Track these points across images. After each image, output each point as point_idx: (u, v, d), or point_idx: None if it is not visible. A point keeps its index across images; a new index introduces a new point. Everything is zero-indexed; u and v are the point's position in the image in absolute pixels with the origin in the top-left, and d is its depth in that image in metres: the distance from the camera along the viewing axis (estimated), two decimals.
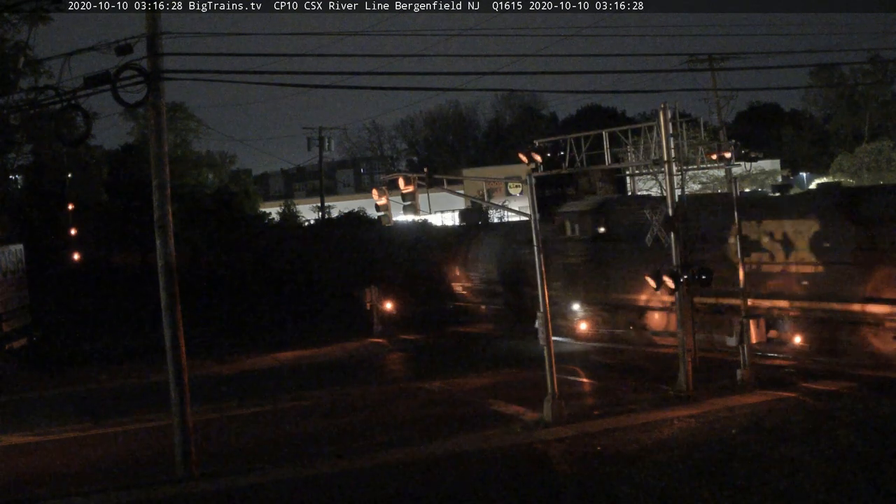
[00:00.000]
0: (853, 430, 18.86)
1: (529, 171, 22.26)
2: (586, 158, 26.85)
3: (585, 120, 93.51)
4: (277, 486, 17.89)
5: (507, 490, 16.85)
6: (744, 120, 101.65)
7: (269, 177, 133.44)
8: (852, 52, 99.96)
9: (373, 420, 23.21)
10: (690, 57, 55.41)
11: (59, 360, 35.31)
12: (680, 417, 20.87)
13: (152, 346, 28.95)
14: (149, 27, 18.13)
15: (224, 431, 22.87)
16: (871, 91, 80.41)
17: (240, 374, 31.54)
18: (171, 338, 18.72)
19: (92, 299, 54.67)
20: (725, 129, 57.52)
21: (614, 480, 16.89)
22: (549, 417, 21.09)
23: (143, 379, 30.77)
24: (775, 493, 15.60)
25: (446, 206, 57.11)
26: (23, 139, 52.93)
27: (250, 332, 40.79)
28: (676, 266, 23.18)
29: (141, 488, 18.23)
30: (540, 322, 21.55)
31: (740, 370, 23.81)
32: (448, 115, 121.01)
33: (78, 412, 26.08)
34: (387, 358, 33.65)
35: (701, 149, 27.07)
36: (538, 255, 21.77)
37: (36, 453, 21.86)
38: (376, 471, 18.40)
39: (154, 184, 18.71)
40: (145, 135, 59.79)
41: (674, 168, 24.06)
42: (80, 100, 18.32)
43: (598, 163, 27.35)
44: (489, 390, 25.68)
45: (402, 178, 23.58)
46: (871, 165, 64.77)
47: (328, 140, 71.73)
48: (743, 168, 48.45)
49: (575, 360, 28.11)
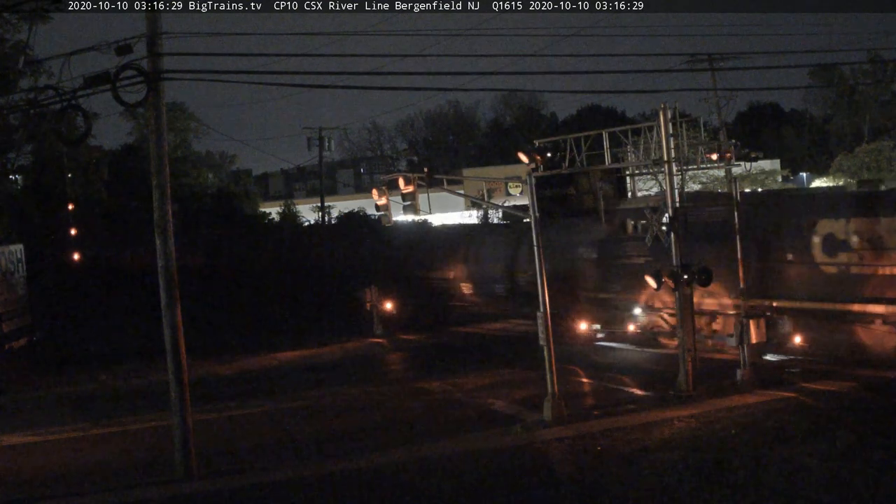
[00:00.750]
0: (853, 430, 18.86)
1: (529, 171, 22.27)
2: (586, 158, 26.87)
3: (585, 120, 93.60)
4: (277, 486, 17.89)
5: (507, 490, 16.85)
6: (744, 120, 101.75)
7: (269, 177, 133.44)
8: (852, 52, 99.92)
9: (372, 420, 23.21)
10: (690, 57, 55.50)
11: (59, 360, 35.31)
12: (680, 417, 20.86)
13: (152, 346, 28.91)
14: (149, 27, 18.12)
15: (224, 431, 22.86)
16: (871, 91, 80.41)
17: (240, 374, 31.54)
18: (170, 338, 18.71)
19: (92, 299, 54.64)
20: (725, 129, 57.56)
21: (614, 480, 16.90)
22: (549, 417, 21.09)
23: (143, 379, 30.78)
24: (775, 493, 15.60)
25: (446, 206, 57.08)
26: (23, 139, 52.97)
27: (250, 331, 40.79)
28: (676, 266, 23.20)
29: (141, 488, 18.23)
30: (540, 322, 21.55)
31: (740, 370, 23.80)
32: (448, 115, 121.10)
33: (78, 412, 26.08)
34: (387, 358, 33.66)
35: (701, 149, 27.06)
36: (538, 255, 21.77)
37: (36, 453, 21.85)
38: (376, 471, 18.39)
39: (154, 184, 18.70)
40: (145, 135, 59.75)
41: (674, 168, 24.05)
42: (80, 100, 18.31)
43: (598, 163, 27.36)
44: (489, 390, 25.68)
45: (402, 178, 23.61)
46: (871, 165, 64.75)
47: (328, 140, 71.76)
48: (743, 168, 48.43)
49: (575, 360, 28.09)
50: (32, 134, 52.19)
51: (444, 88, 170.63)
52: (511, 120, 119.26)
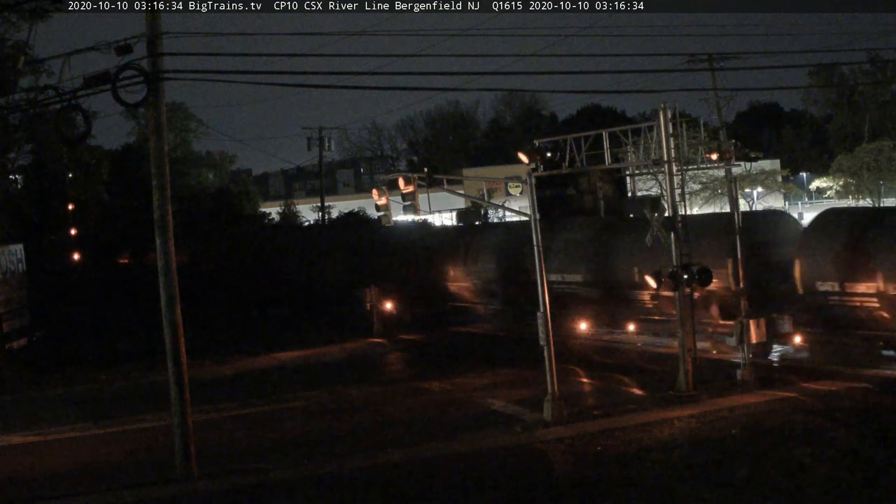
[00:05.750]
0: (853, 430, 18.87)
1: (529, 171, 22.27)
2: (586, 158, 26.86)
3: (585, 120, 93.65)
4: (277, 486, 17.90)
5: (507, 490, 16.86)
6: (744, 120, 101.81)
7: (269, 177, 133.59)
8: (852, 52, 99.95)
9: (373, 420, 23.21)
10: (690, 57, 55.43)
11: (59, 360, 35.29)
12: (680, 417, 20.87)
13: (152, 346, 28.94)
14: (149, 27, 18.13)
15: (224, 431, 22.86)
16: (871, 91, 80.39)
17: (240, 374, 31.53)
18: (171, 338, 18.72)
19: (92, 299, 54.66)
20: (725, 129, 57.51)
21: (614, 480, 16.90)
22: (549, 417, 21.10)
23: (143, 379, 30.76)
24: (775, 493, 15.61)
25: (446, 206, 57.06)
26: (23, 139, 52.93)
27: (250, 332, 40.78)
28: (676, 266, 23.21)
29: (141, 488, 18.23)
30: (540, 322, 21.56)
31: (740, 370, 23.81)
32: (448, 115, 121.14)
33: (78, 412, 26.07)
34: (387, 358, 33.65)
35: (701, 149, 27.06)
36: (538, 255, 21.78)
37: (36, 453, 21.86)
38: (376, 471, 18.40)
39: (154, 184, 18.70)
40: (145, 135, 59.70)
41: (674, 168, 24.05)
42: (80, 100, 18.34)
43: (598, 163, 27.35)
44: (489, 390, 25.68)
45: (402, 178, 23.59)
46: (871, 165, 64.74)
47: (328, 140, 71.71)
48: (743, 168, 48.44)
49: (575, 360, 28.08)
50: (32, 134, 52.14)
51: (444, 88, 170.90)
52: (511, 120, 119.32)
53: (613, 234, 31.42)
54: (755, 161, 30.94)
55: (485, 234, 38.81)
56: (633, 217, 28.56)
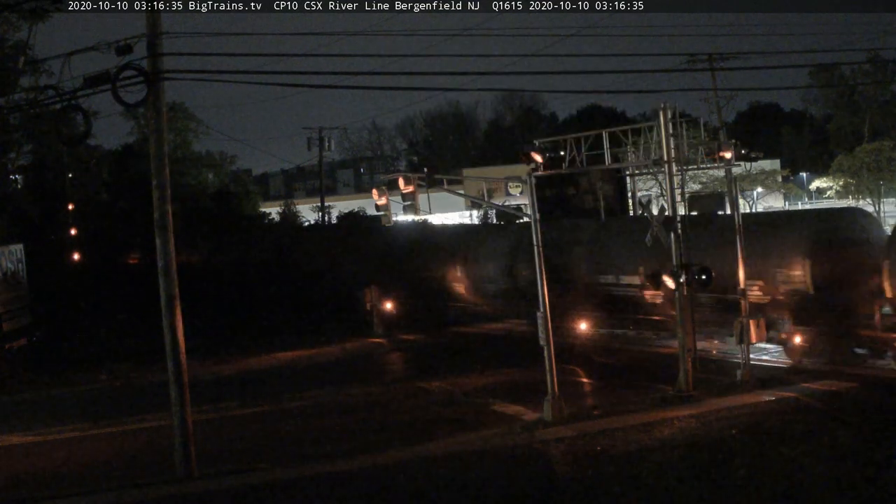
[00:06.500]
0: (853, 430, 18.87)
1: (529, 171, 22.27)
2: (586, 158, 26.86)
3: (585, 120, 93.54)
4: (277, 486, 17.90)
5: (507, 490, 16.86)
6: (744, 120, 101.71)
7: (269, 177, 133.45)
8: (852, 52, 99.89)
9: (373, 420, 23.21)
10: (690, 57, 55.44)
11: (59, 360, 35.28)
12: (680, 417, 20.86)
13: (152, 346, 28.91)
14: (149, 27, 18.13)
15: (224, 431, 22.85)
16: (871, 91, 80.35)
17: (240, 374, 31.53)
18: (170, 338, 18.71)
19: (92, 299, 54.61)
20: (725, 129, 57.52)
21: (614, 480, 16.90)
22: (550, 417, 21.10)
23: (143, 379, 30.77)
24: (775, 493, 15.61)
25: (446, 206, 57.05)
26: (23, 139, 52.94)
27: (250, 332, 40.77)
28: (676, 266, 23.19)
29: (141, 488, 18.23)
30: (540, 322, 21.56)
31: (740, 370, 23.81)
32: (448, 115, 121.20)
33: (78, 412, 26.07)
34: (387, 358, 33.64)
35: (701, 149, 27.05)
36: (538, 255, 21.78)
37: (36, 453, 21.86)
38: (376, 471, 18.40)
39: (154, 184, 18.70)
40: (145, 135, 59.76)
41: (674, 168, 24.05)
42: (80, 100, 18.35)
43: (598, 163, 27.35)
44: (489, 390, 25.67)
45: (402, 178, 23.58)
46: (871, 165, 64.67)
47: (328, 140, 71.76)
48: (743, 168, 48.48)
49: (575, 360, 28.08)
50: (32, 134, 52.15)
51: (444, 88, 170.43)
52: (511, 120, 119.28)
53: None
54: (755, 161, 30.91)
55: (484, 234, 38.78)
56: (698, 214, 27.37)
